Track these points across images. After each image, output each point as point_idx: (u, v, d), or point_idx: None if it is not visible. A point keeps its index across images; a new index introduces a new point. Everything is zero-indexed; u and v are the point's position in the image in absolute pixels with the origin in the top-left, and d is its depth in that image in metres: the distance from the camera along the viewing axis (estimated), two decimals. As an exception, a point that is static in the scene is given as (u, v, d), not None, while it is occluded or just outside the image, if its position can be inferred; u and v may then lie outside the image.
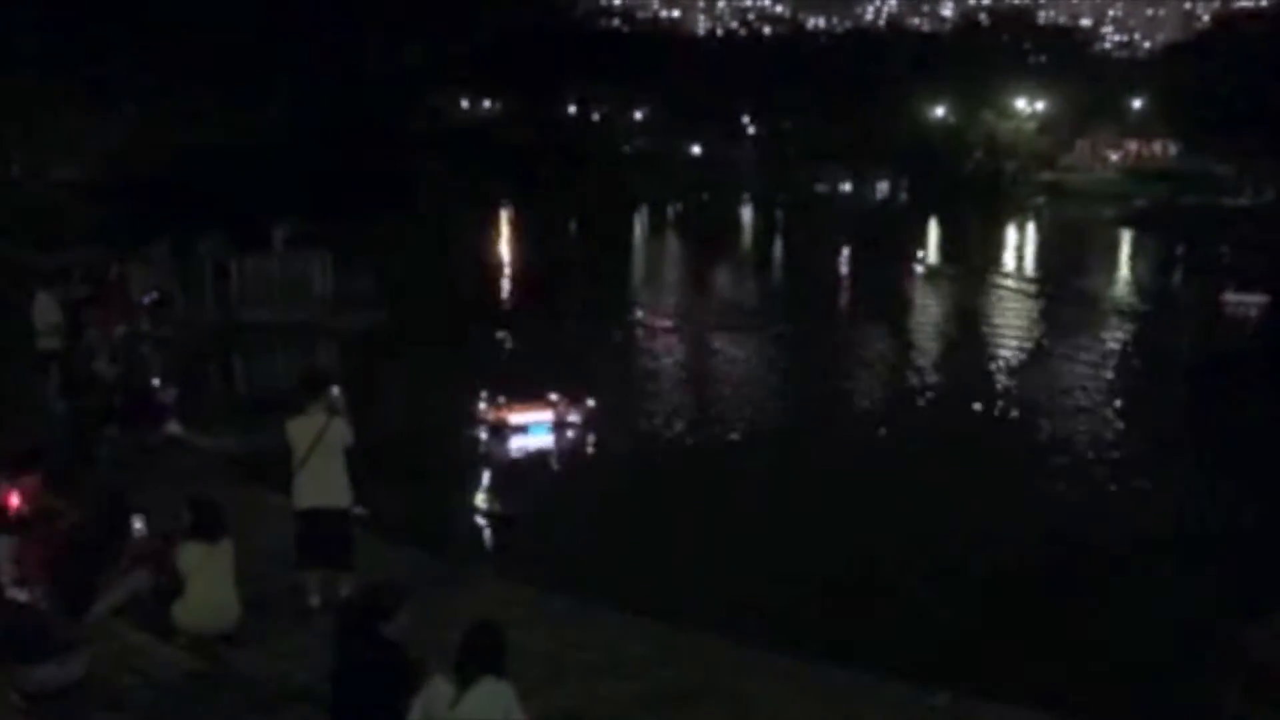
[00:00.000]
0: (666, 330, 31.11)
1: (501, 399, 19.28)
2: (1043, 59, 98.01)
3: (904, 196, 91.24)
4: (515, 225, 64.69)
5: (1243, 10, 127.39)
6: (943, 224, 67.01)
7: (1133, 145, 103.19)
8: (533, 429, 19.01)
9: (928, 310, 37.02)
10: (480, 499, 14.74)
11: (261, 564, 9.52)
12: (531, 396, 19.51)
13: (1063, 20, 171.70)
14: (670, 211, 78.30)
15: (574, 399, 19.59)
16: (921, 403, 23.37)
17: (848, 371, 25.99)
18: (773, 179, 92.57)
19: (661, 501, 15.45)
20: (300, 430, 9.13)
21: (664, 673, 8.92)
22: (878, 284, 40.77)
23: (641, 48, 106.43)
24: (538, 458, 18.36)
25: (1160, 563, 13.64)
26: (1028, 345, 29.62)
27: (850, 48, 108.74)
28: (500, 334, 29.07)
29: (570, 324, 30.36)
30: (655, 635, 9.91)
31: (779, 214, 77.08)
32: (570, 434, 19.07)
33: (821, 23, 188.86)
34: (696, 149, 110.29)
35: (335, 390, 9.40)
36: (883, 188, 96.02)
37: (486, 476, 15.31)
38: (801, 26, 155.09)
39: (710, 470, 17.61)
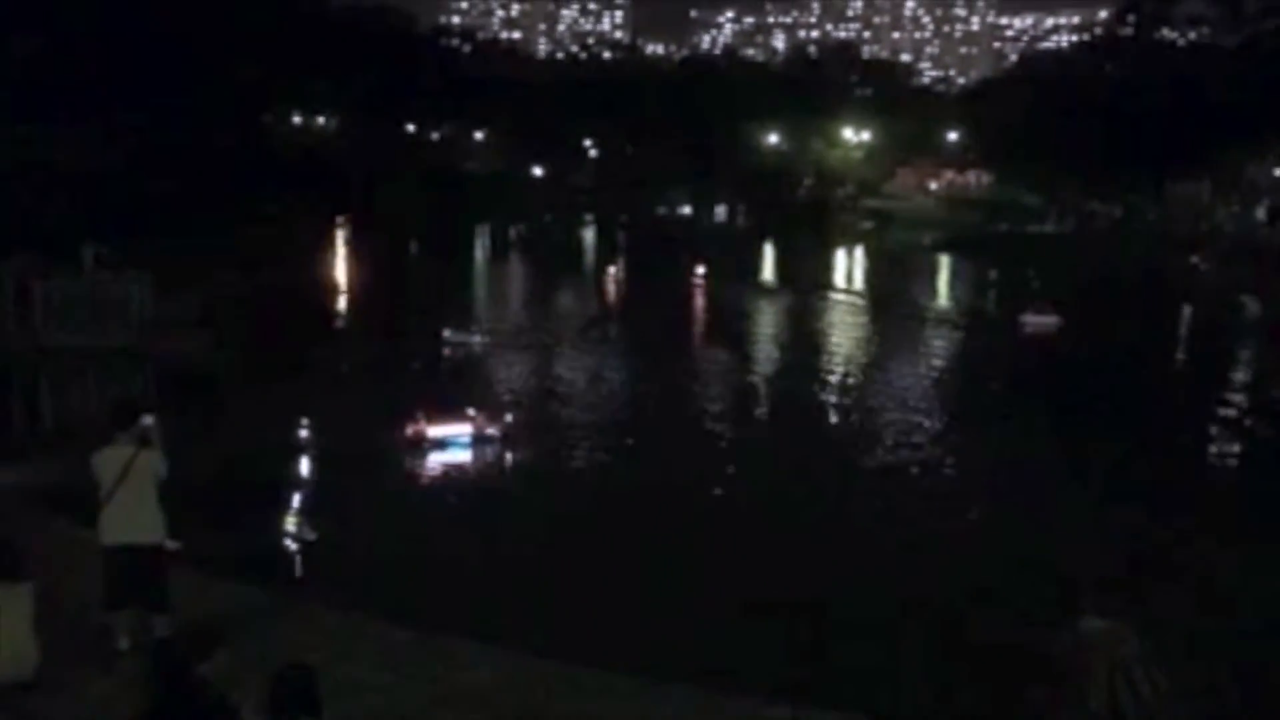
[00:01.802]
0: (510, 348, 31.00)
1: (420, 413, 19.10)
2: (868, 91, 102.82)
3: (741, 220, 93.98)
4: (352, 246, 63.01)
5: (1045, 52, 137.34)
6: (778, 247, 69.31)
7: (950, 175, 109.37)
8: (452, 443, 18.91)
9: (767, 326, 38.50)
10: (291, 523, 14.26)
11: (69, 605, 8.93)
12: (451, 410, 19.57)
13: (885, 55, 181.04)
14: (513, 233, 78.03)
15: (492, 413, 19.65)
16: (762, 412, 24.31)
17: (695, 386, 26.60)
18: (614, 202, 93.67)
19: (521, 523, 15.38)
20: (106, 462, 8.58)
21: (506, 700, 8.79)
22: (716, 302, 41.92)
23: (482, 69, 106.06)
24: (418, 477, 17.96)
25: (965, 565, 14.47)
26: (855, 358, 31.27)
27: (688, 75, 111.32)
28: (333, 356, 28.35)
29: (402, 344, 29.85)
30: (498, 662, 9.76)
31: (621, 236, 77.97)
32: (489, 448, 19.04)
33: (660, 50, 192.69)
34: (539, 171, 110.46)
35: (148, 419, 8.88)
36: (721, 212, 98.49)
37: (297, 499, 14.78)
38: (641, 52, 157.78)
39: (576, 490, 17.70)
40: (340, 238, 66.00)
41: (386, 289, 42.54)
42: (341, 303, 40.60)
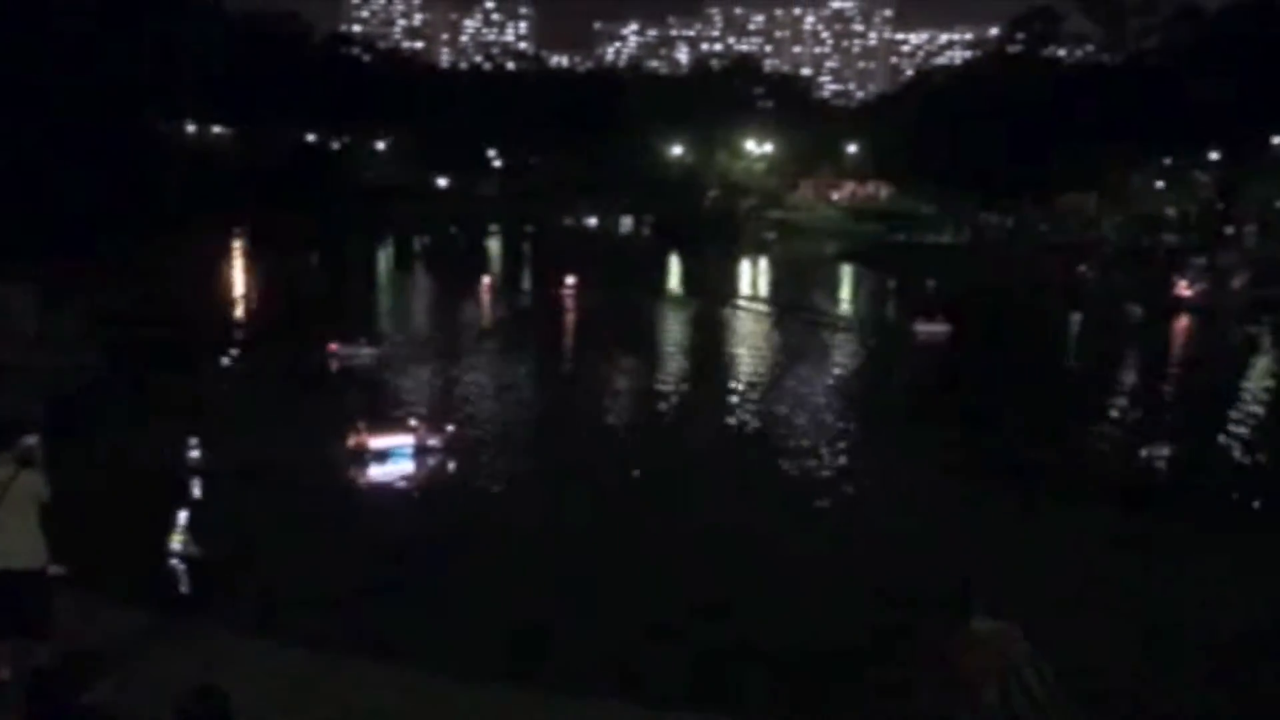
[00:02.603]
0: (404, 360, 30.62)
1: (362, 424, 19.08)
2: (770, 104, 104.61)
3: (647, 231, 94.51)
4: (249, 257, 61.37)
5: (939, 67, 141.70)
6: (684, 257, 69.91)
7: (851, 186, 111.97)
8: (394, 454, 18.92)
9: (674, 335, 38.83)
10: (177, 541, 13.76)
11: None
12: (393, 422, 19.73)
13: (786, 69, 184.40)
14: (417, 243, 77.07)
15: (434, 424, 19.69)
16: (673, 419, 24.45)
17: (602, 394, 26.65)
18: (520, 212, 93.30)
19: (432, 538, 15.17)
20: (-15, 484, 8.16)
21: (408, 722, 8.64)
22: (625, 311, 42.08)
23: (383, 78, 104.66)
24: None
25: (866, 567, 14.78)
26: (759, 365, 31.76)
27: (593, 87, 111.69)
28: (221, 371, 27.70)
29: (290, 358, 29.23)
30: (401, 682, 9.58)
31: (526, 247, 77.65)
32: (431, 459, 19.06)
33: (564, 61, 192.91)
34: (443, 181, 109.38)
35: (30, 439, 8.48)
36: (627, 222, 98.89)
37: (184, 517, 14.27)
38: (545, 64, 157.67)
39: (487, 502, 17.52)
40: (237, 249, 64.25)
41: (281, 302, 41.58)
42: (234, 316, 39.50)
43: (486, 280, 50.88)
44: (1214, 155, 67.11)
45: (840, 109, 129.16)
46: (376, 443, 18.92)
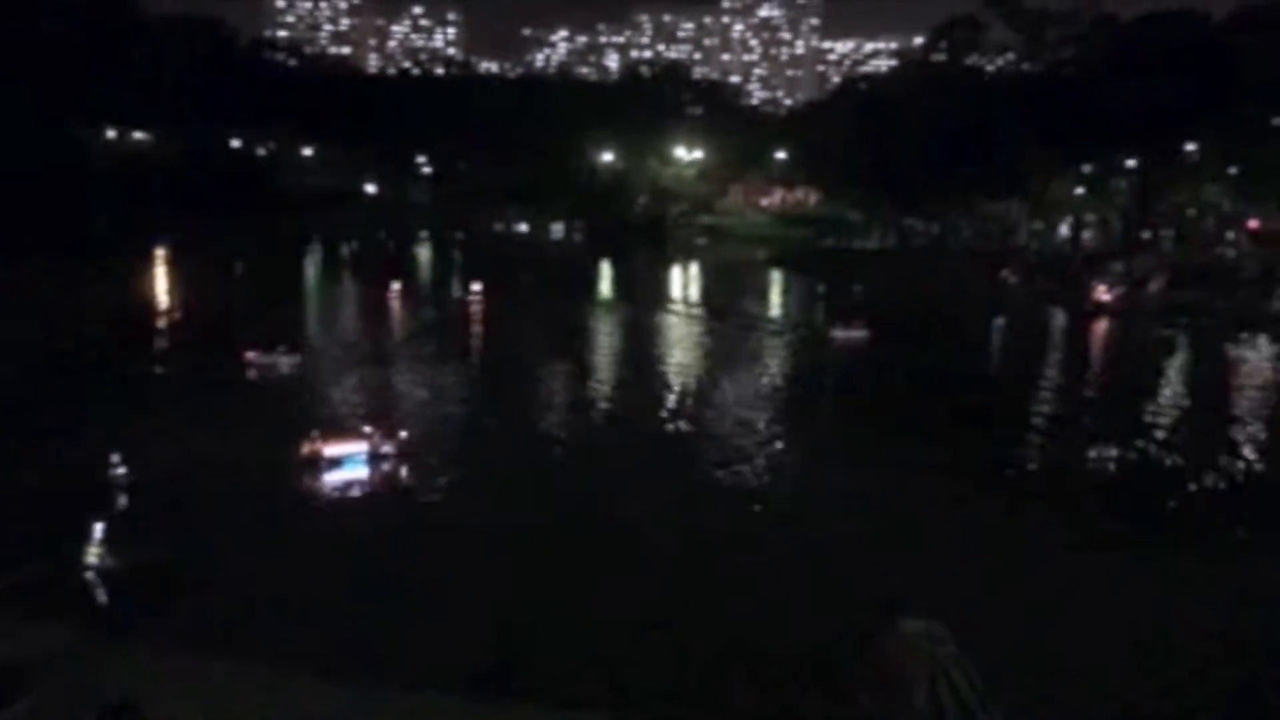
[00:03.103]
0: (324, 367, 30.14)
1: (316, 432, 19.35)
2: (699, 111, 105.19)
3: (578, 237, 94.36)
4: (173, 265, 59.80)
5: (864, 76, 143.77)
6: (615, 263, 69.93)
7: (781, 192, 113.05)
8: (348, 461, 19.21)
9: (607, 339, 38.83)
10: (96, 554, 13.32)
11: None
12: (344, 430, 20.04)
13: (715, 76, 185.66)
14: (345, 250, 75.89)
15: (388, 430, 20.01)
16: (609, 424, 24.44)
17: (544, 398, 26.59)
18: (450, 218, 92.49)
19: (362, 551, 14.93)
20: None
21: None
22: (555, 316, 41.92)
23: (309, 83, 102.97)
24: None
25: (799, 570, 14.93)
26: (689, 367, 31.97)
27: (523, 93, 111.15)
28: (140, 379, 27.06)
29: (207, 366, 28.69)
30: (332, 697, 9.41)
31: (457, 254, 76.94)
32: (385, 465, 19.34)
33: (494, 67, 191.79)
34: (372, 188, 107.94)
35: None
36: (558, 228, 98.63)
37: (101, 529, 13.83)
38: (474, 70, 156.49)
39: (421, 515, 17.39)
40: (161, 256, 62.59)
41: (202, 311, 40.63)
42: (157, 324, 38.48)
43: (414, 287, 50.32)
44: (1131, 162, 69.23)
45: (769, 116, 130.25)
46: (331, 449, 19.21)
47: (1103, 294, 48.92)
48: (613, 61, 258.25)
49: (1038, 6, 77.72)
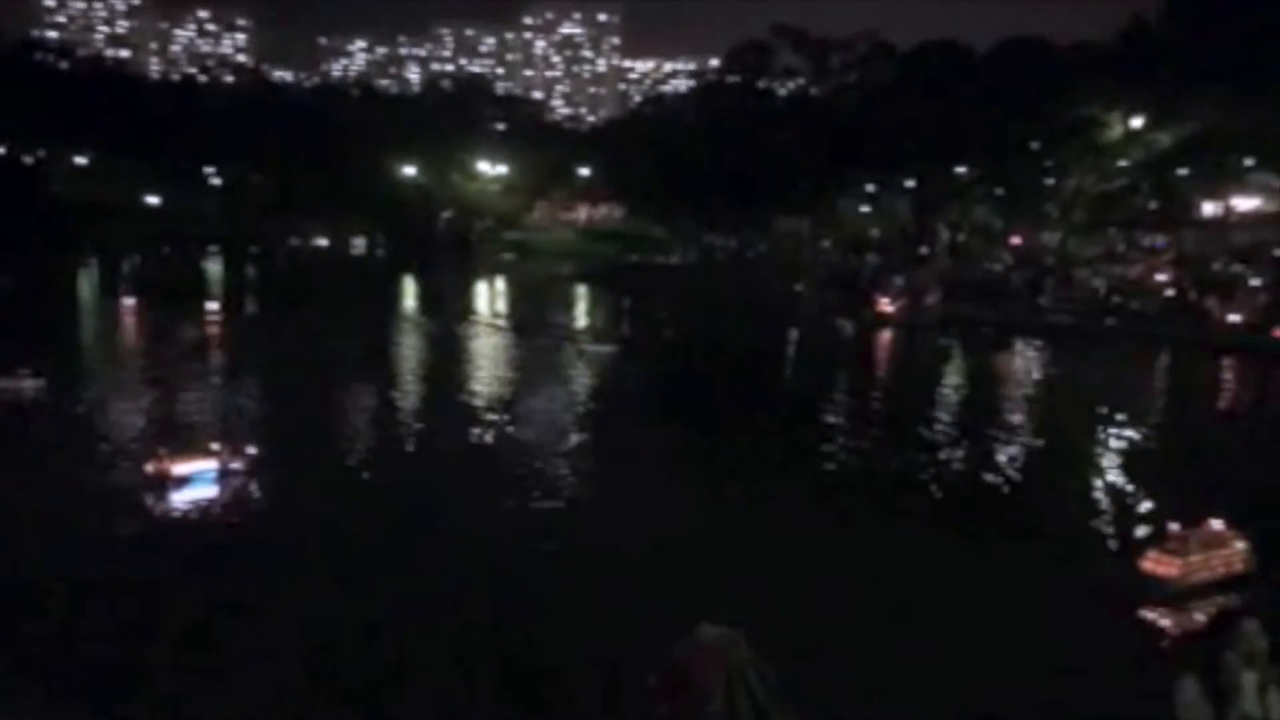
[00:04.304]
0: (90, 390, 28.22)
1: (162, 450, 18.78)
2: (502, 126, 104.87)
3: (381, 252, 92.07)
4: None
5: (664, 95, 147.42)
6: (419, 278, 68.66)
7: (586, 208, 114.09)
8: (197, 479, 18.73)
9: (411, 355, 38.16)
10: None
11: None
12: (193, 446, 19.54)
13: (518, 91, 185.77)
14: (126, 266, 71.01)
15: (236, 447, 19.59)
16: (414, 440, 23.91)
17: (341, 415, 25.83)
18: (243, 231, 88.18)
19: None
20: None
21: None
22: (362, 332, 40.74)
23: (83, 87, 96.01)
24: None
25: (605, 574, 15.06)
26: (498, 384, 31.76)
27: (320, 103, 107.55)
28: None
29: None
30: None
31: (251, 269, 73.49)
32: (235, 482, 18.96)
33: (288, 76, 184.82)
34: (155, 199, 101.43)
35: None
36: (359, 243, 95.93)
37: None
38: (267, 78, 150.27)
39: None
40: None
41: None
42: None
43: (199, 304, 47.64)
44: (910, 183, 73.89)
45: (572, 132, 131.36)
46: (179, 469, 18.73)
47: (885, 306, 51.84)
48: (414, 74, 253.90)
49: (821, 35, 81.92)
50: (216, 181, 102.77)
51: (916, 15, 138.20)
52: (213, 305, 48.78)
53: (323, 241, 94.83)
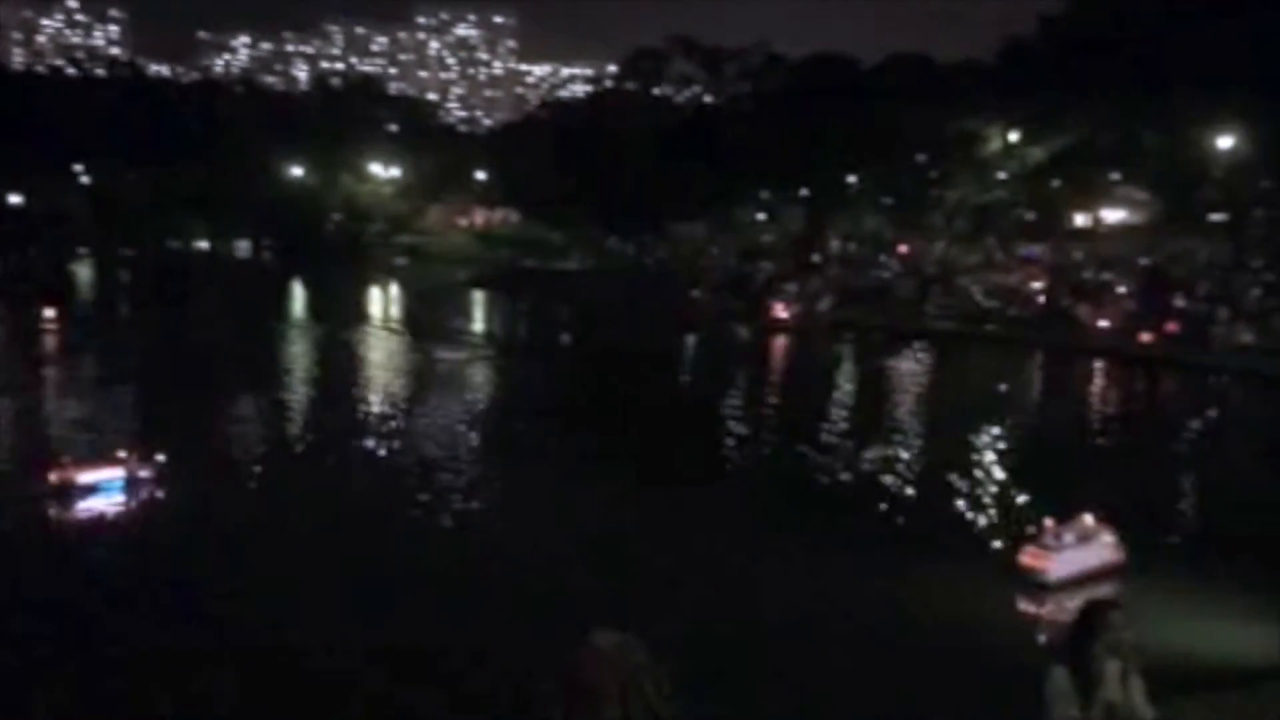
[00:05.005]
0: None
1: (66, 458, 18.28)
2: (395, 127, 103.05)
3: (267, 256, 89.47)
4: None
5: (561, 100, 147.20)
6: (308, 283, 66.95)
7: (482, 212, 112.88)
8: (104, 488, 18.26)
9: (302, 362, 37.35)
10: None
11: None
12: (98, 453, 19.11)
13: (412, 92, 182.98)
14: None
15: (144, 454, 19.16)
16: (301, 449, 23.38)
17: (224, 423, 25.08)
18: (116, 234, 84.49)
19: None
20: None
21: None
22: (247, 340, 39.57)
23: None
24: None
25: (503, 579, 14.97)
26: (392, 393, 31.28)
27: (201, 100, 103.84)
28: None
29: None
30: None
31: (125, 273, 70.53)
32: (143, 491, 18.56)
33: (166, 71, 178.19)
34: (17, 198, 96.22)
35: None
36: (244, 246, 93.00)
37: None
38: (142, 73, 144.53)
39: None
40: None
41: None
42: None
43: (67, 309, 45.57)
44: (803, 192, 75.41)
45: (468, 135, 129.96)
46: (85, 477, 18.23)
47: (780, 312, 52.77)
48: (301, 72, 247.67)
49: (716, 45, 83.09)
50: (87, 180, 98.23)
51: (807, 28, 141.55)
52: (78, 309, 46.73)
53: (204, 244, 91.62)
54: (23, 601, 13.75)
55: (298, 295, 62.68)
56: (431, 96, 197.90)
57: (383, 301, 64.62)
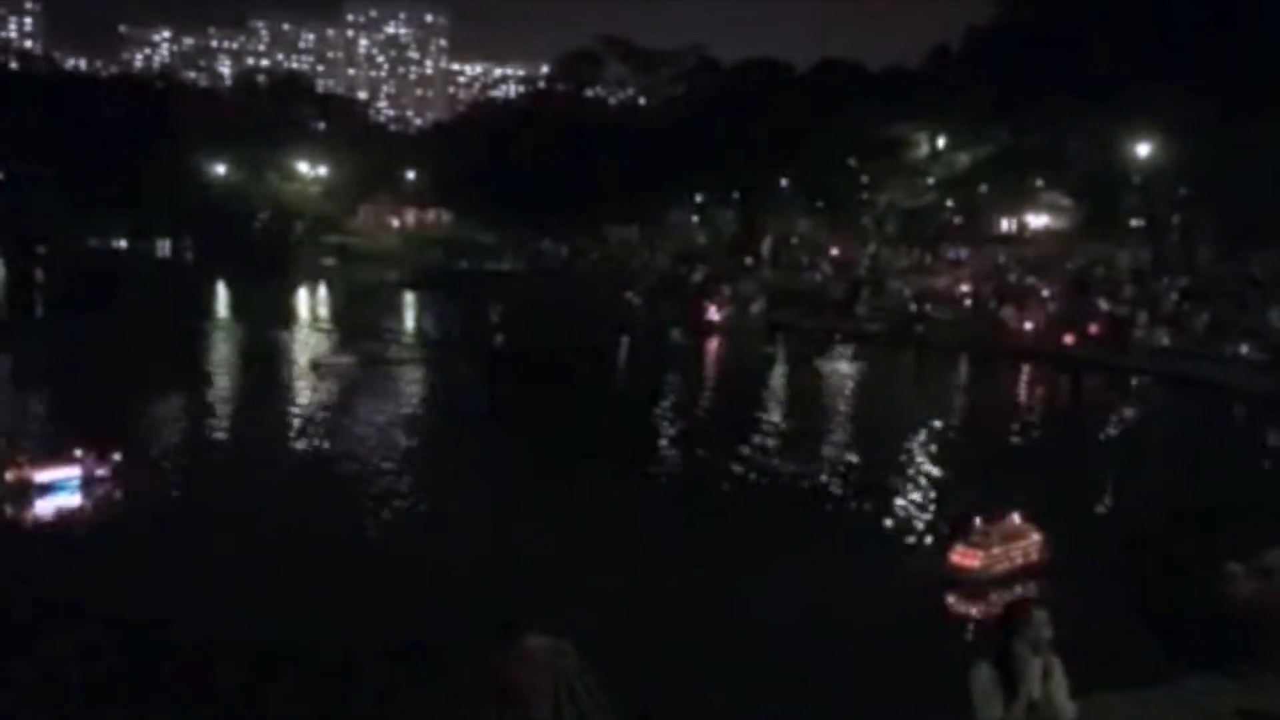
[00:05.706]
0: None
1: (22, 456, 18.07)
2: (323, 126, 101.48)
3: (190, 255, 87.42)
4: None
5: (493, 100, 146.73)
6: (232, 284, 65.50)
7: (413, 212, 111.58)
8: (60, 486, 18.08)
9: (226, 364, 36.62)
10: None
11: None
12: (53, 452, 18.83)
13: (340, 90, 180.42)
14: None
15: (100, 453, 18.89)
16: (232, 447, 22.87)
17: (153, 427, 24.41)
18: (30, 232, 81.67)
19: None
20: None
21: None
22: (171, 343, 38.53)
23: None
24: None
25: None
26: (313, 397, 30.69)
27: (120, 95, 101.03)
28: None
29: None
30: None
31: (40, 272, 68.27)
32: (100, 490, 18.44)
33: (83, 64, 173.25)
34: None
35: None
36: (165, 245, 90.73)
37: None
38: (59, 66, 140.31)
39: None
40: None
41: None
42: None
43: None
44: (736, 195, 75.96)
45: (398, 134, 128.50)
46: (41, 475, 18.02)
47: (713, 314, 53.03)
48: (226, 68, 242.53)
49: (649, 47, 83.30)
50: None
51: (742, 33, 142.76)
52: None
53: (123, 243, 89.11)
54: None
55: (219, 295, 61.25)
56: (361, 95, 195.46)
57: (310, 302, 63.49)
